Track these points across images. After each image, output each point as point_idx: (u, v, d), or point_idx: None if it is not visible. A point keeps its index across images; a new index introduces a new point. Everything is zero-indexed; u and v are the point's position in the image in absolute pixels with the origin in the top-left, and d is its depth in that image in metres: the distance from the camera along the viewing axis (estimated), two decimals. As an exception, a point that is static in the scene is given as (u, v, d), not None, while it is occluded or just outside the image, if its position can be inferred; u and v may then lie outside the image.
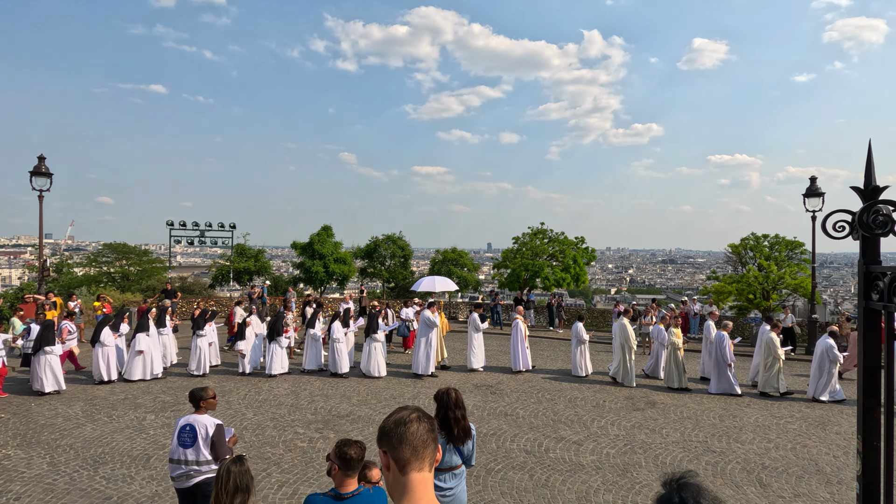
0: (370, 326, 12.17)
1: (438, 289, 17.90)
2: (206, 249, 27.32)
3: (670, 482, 1.80)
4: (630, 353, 11.74)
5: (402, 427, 1.56)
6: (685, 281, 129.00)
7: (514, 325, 12.94)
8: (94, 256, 30.48)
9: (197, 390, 4.65)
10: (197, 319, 12.41)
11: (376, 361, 12.03)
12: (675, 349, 11.37)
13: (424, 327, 12.26)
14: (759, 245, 23.45)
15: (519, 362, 12.78)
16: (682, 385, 11.27)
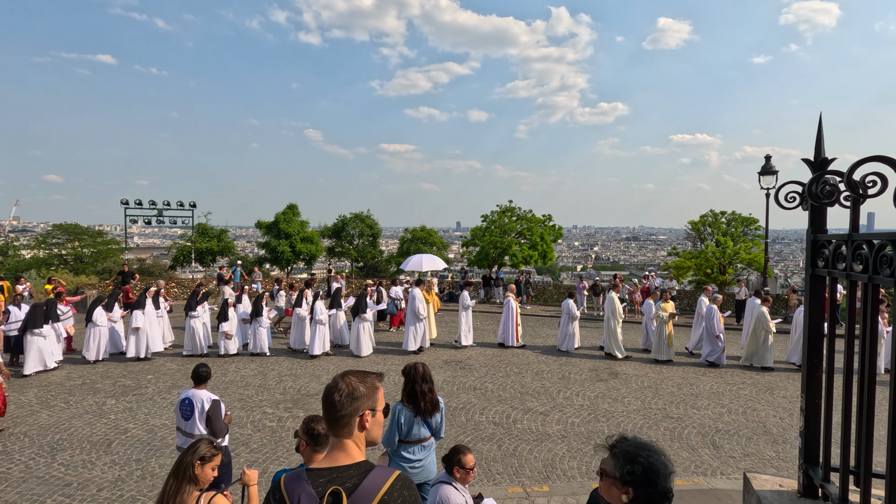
0: (358, 306, 12.16)
1: (426, 267, 17.90)
2: (164, 230, 26.30)
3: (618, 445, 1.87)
4: (617, 325, 12.12)
5: (327, 395, 1.83)
6: (647, 257, 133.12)
7: (506, 303, 13.18)
8: (42, 238, 28.88)
9: (199, 371, 4.86)
10: (190, 300, 12.14)
11: (363, 340, 12.07)
12: (663, 323, 11.70)
13: (414, 303, 12.35)
14: (716, 222, 24.39)
15: (510, 338, 13.04)
16: (669, 357, 11.65)
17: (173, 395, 9.09)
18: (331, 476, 1.67)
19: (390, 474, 1.70)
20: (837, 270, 2.37)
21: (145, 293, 12.03)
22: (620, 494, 1.79)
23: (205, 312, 12.40)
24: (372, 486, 1.65)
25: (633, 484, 1.76)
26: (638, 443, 1.83)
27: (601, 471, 1.87)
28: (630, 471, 1.76)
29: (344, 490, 1.62)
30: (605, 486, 1.85)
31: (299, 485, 1.66)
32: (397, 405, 4.12)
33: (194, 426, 4.67)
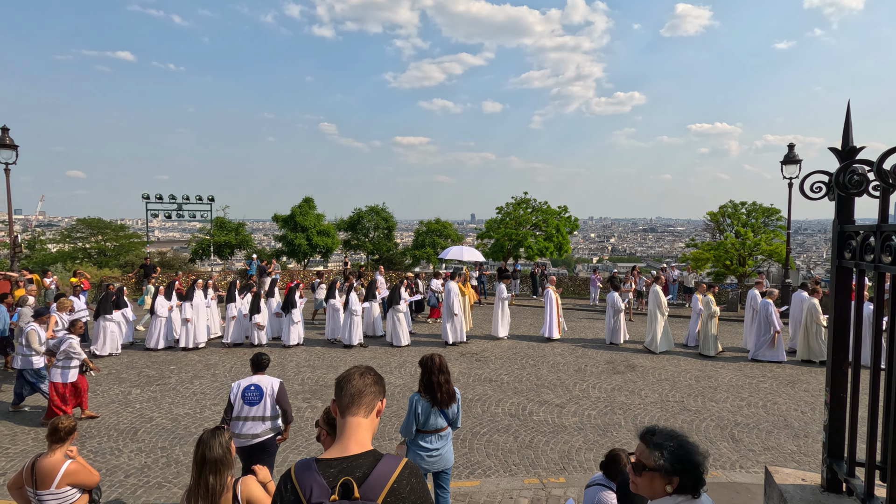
0: (393, 297, 12.32)
1: (466, 257, 17.94)
2: (184, 224, 26.80)
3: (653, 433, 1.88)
4: (661, 319, 11.78)
5: (345, 380, 1.88)
6: (665, 249, 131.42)
7: (547, 295, 13.14)
8: (67, 232, 29.62)
9: (259, 359, 5.14)
10: (230, 292, 12.46)
11: (398, 331, 12.24)
12: (711, 317, 11.39)
13: (447, 297, 12.42)
14: (736, 213, 23.93)
15: (553, 330, 12.96)
16: (717, 352, 11.32)
17: (195, 385, 9.31)
18: (341, 466, 1.69)
19: (398, 462, 1.74)
20: (865, 262, 2.32)
21: (194, 285, 12.50)
22: (664, 485, 1.79)
23: (244, 304, 12.73)
24: (381, 476, 1.68)
25: (680, 473, 1.77)
26: (671, 432, 1.84)
27: (638, 465, 1.85)
28: (678, 460, 1.78)
29: (354, 480, 1.65)
30: (646, 480, 1.82)
31: (310, 475, 1.68)
32: (414, 395, 4.19)
33: (264, 410, 4.89)
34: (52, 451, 3.52)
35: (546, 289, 13.39)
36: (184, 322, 11.90)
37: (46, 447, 3.58)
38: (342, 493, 1.63)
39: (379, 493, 1.65)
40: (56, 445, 3.53)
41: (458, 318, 12.52)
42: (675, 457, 1.78)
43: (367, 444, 1.79)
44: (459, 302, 12.60)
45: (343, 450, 1.76)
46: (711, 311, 11.41)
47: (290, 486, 1.69)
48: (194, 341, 11.97)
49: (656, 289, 12.06)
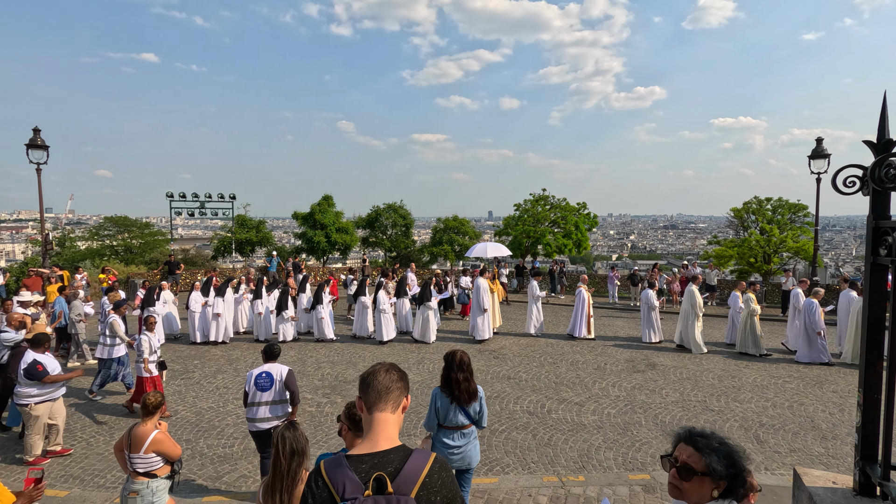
0: (423, 295, 12.42)
1: (490, 254, 17.97)
2: (206, 221, 27.33)
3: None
4: (696, 319, 11.51)
5: (371, 376, 1.89)
6: (686, 246, 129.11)
7: (578, 294, 12.96)
8: (95, 230, 30.49)
9: (270, 349, 5.45)
10: (258, 289, 12.75)
11: (427, 328, 12.32)
12: (753, 316, 11.13)
13: (477, 294, 12.42)
14: (761, 209, 23.34)
15: (582, 329, 12.80)
16: (758, 352, 11.03)
17: (218, 379, 9.50)
18: (372, 462, 1.70)
19: (428, 457, 1.75)
20: (902, 259, 2.23)
21: (227, 282, 12.80)
22: (712, 490, 1.75)
23: (271, 300, 12.98)
24: (413, 470, 1.70)
25: (729, 476, 1.74)
26: (716, 434, 1.81)
27: (686, 469, 1.77)
28: (731, 465, 1.75)
29: (387, 475, 1.66)
30: (695, 485, 1.76)
31: (342, 471, 1.68)
32: (436, 390, 4.21)
33: (275, 395, 5.21)
34: (144, 421, 4.02)
35: (578, 287, 13.18)
36: (214, 317, 12.16)
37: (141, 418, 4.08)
38: (376, 489, 1.64)
39: (412, 488, 1.67)
40: (147, 417, 4.03)
41: (487, 315, 12.48)
42: (729, 460, 1.74)
43: (395, 440, 1.81)
44: (489, 299, 12.57)
45: (373, 445, 1.77)
46: (752, 309, 11.11)
47: (321, 482, 1.70)
48: (224, 336, 12.25)
49: (692, 288, 11.69)
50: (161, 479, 3.91)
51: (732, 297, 12.19)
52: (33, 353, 6.24)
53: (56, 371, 6.32)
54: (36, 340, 6.37)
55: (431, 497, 1.68)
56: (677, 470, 1.78)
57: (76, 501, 5.42)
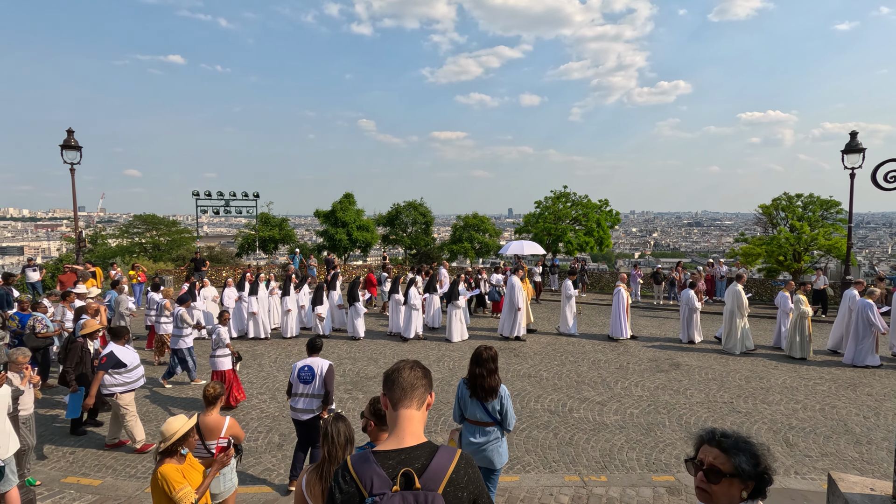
0: (452, 292, 12.44)
1: (526, 251, 17.92)
2: (230, 219, 27.88)
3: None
4: (741, 319, 11.16)
5: (396, 373, 1.91)
6: (711, 244, 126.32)
7: (617, 293, 12.60)
8: (125, 228, 31.42)
9: (314, 343, 5.74)
10: (286, 286, 12.97)
11: (455, 326, 12.32)
12: (803, 318, 10.66)
13: (511, 292, 12.35)
14: (791, 205, 22.66)
15: (621, 330, 12.41)
16: (806, 355, 10.57)
17: (242, 374, 9.68)
18: (399, 458, 1.72)
19: (455, 453, 1.77)
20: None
21: (257, 279, 13.08)
22: (741, 491, 1.73)
23: (304, 297, 13.15)
24: (440, 467, 1.71)
25: (757, 476, 1.72)
26: (740, 435, 1.78)
27: (713, 471, 1.74)
28: (756, 463, 1.74)
29: (414, 471, 1.67)
30: (724, 488, 1.73)
31: (369, 467, 1.70)
32: (462, 381, 4.29)
33: (315, 388, 5.49)
34: (208, 411, 4.34)
35: (617, 286, 12.79)
36: (250, 315, 12.39)
37: (203, 409, 4.40)
38: (404, 484, 1.66)
39: (439, 484, 1.68)
40: (210, 407, 4.35)
41: (520, 314, 12.40)
42: (755, 459, 1.73)
43: (421, 437, 1.82)
44: (523, 297, 12.49)
45: (399, 442, 1.79)
46: (802, 310, 10.61)
47: (348, 477, 1.71)
48: (265, 332, 12.46)
49: (738, 287, 11.28)
50: (233, 458, 4.27)
51: (781, 297, 11.65)
52: (113, 344, 6.53)
53: (133, 363, 6.60)
54: (116, 332, 6.68)
55: (458, 493, 1.70)
56: (704, 473, 1.74)
57: (109, 490, 5.62)
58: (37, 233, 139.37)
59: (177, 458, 3.45)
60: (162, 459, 3.42)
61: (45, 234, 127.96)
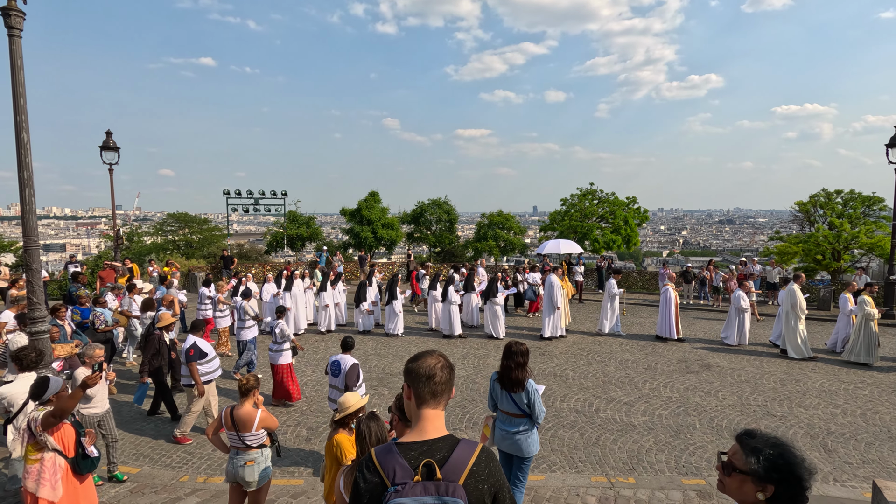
0: (490, 290, 12.45)
1: (563, 251, 17.83)
2: (259, 217, 28.43)
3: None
4: (799, 321, 10.59)
5: (427, 375, 1.90)
6: (744, 242, 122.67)
7: (665, 293, 12.26)
8: (159, 226, 32.44)
9: (348, 341, 6.32)
10: (323, 283, 13.24)
11: (494, 323, 12.36)
12: (869, 320, 10.13)
13: (550, 290, 12.27)
14: (830, 202, 21.76)
15: (669, 330, 12.02)
16: (871, 360, 10.02)
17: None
18: (421, 449, 1.76)
19: (475, 447, 1.80)
20: None
21: (292, 276, 13.37)
22: (756, 492, 1.71)
23: (339, 294, 13.31)
24: (461, 459, 1.75)
25: (777, 482, 1.68)
26: (774, 439, 1.73)
27: (728, 465, 1.78)
28: (773, 467, 1.68)
29: (435, 462, 1.72)
30: (735, 482, 1.76)
31: (392, 457, 1.74)
32: (494, 374, 4.54)
33: (340, 381, 6.05)
34: (242, 403, 4.42)
35: (664, 286, 12.44)
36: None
37: (238, 400, 4.50)
38: (425, 475, 1.71)
39: (460, 475, 1.72)
40: (244, 398, 4.44)
41: (559, 313, 12.28)
42: (771, 464, 1.68)
43: (443, 430, 1.86)
44: (562, 296, 12.39)
45: (421, 434, 1.83)
46: (867, 312, 10.05)
47: (372, 467, 1.76)
48: (296, 327, 12.68)
49: (794, 287, 10.74)
50: (267, 447, 4.46)
51: (842, 299, 11.15)
52: (192, 336, 6.83)
53: (212, 354, 6.91)
54: (196, 325, 6.99)
55: (479, 485, 1.73)
56: (722, 465, 1.80)
57: (146, 478, 5.83)
58: (78, 230, 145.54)
59: (348, 429, 3.67)
60: (336, 428, 3.74)
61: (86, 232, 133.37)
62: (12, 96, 5.10)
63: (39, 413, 3.92)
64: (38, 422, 3.86)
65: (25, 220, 5.37)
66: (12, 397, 4.63)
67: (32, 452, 3.89)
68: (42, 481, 3.82)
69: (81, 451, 4.02)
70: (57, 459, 3.89)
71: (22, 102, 5.16)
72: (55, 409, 3.88)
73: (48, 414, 3.86)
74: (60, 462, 3.91)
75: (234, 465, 4.32)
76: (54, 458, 3.88)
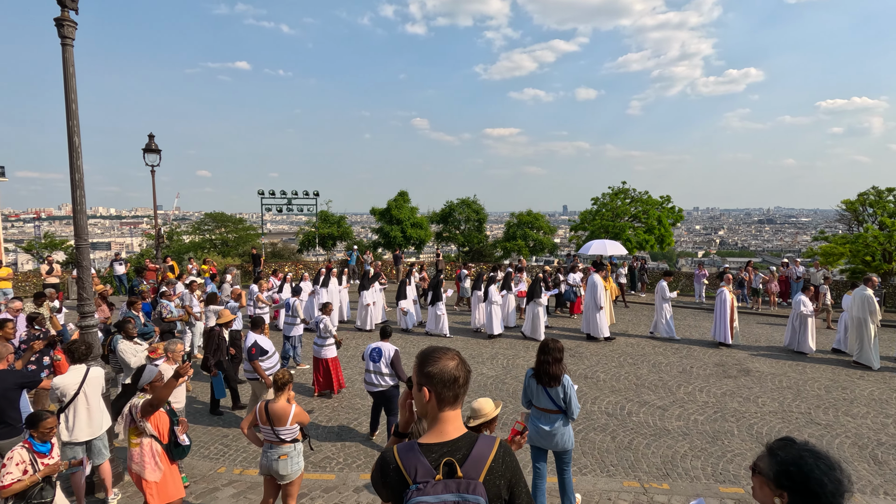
0: (533, 291, 12.35)
1: (609, 252, 17.68)
2: (291, 217, 29.04)
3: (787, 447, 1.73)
4: (871, 328, 9.96)
5: (452, 379, 1.88)
6: (785, 242, 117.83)
7: (720, 295, 11.67)
8: (197, 225, 33.64)
9: (386, 328, 6.97)
10: (362, 280, 13.47)
11: (536, 324, 12.26)
12: None
13: (593, 291, 12.07)
14: (881, 200, 20.65)
15: (726, 335, 11.50)
16: None
17: (306, 366, 10.11)
18: (441, 450, 1.80)
19: (493, 442, 1.84)
20: None
21: (329, 272, 13.50)
22: (773, 497, 1.70)
23: (377, 292, 13.49)
24: (480, 455, 1.79)
25: (788, 489, 1.65)
26: (806, 448, 1.67)
27: (754, 466, 1.79)
28: (784, 473, 1.66)
29: (456, 461, 1.76)
30: (758, 484, 1.78)
31: (414, 457, 1.78)
32: (529, 370, 4.66)
33: (381, 367, 6.50)
34: (277, 397, 4.53)
35: (720, 287, 11.91)
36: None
37: (273, 395, 4.63)
38: (446, 473, 1.75)
39: (480, 472, 1.76)
40: (279, 393, 4.55)
41: (603, 314, 12.07)
42: (783, 471, 1.65)
43: (462, 428, 1.89)
44: (605, 296, 12.17)
45: (441, 435, 1.85)
46: None
47: (394, 466, 1.80)
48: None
49: (867, 292, 10.09)
50: (300, 442, 4.58)
51: None
52: (253, 334, 7.13)
53: (272, 350, 7.17)
54: (256, 322, 7.28)
55: (496, 481, 1.77)
56: (752, 465, 1.82)
57: (185, 469, 6.05)
58: (122, 230, 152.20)
59: None
60: None
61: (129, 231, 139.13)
62: (65, 102, 5.37)
63: (140, 400, 4.29)
64: (137, 408, 4.24)
65: (77, 220, 5.64)
66: (65, 388, 4.89)
67: (133, 437, 4.28)
68: (144, 464, 4.21)
69: (174, 438, 4.36)
70: (154, 445, 4.27)
71: (74, 108, 5.43)
72: (153, 397, 4.24)
73: (147, 402, 4.23)
74: (157, 447, 4.28)
75: (268, 458, 4.43)
76: (151, 443, 4.26)
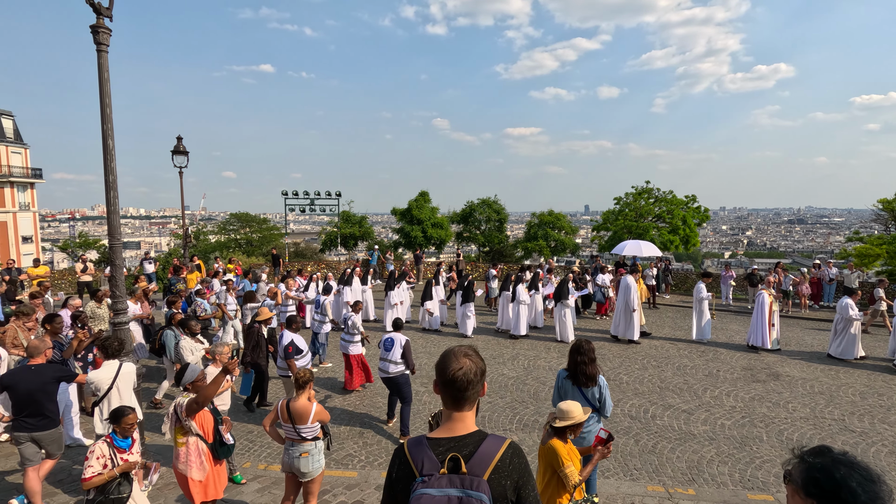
0: (560, 292, 12.32)
1: (645, 253, 17.55)
2: (314, 217, 29.46)
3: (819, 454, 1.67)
4: None
5: (464, 381, 1.89)
6: (817, 243, 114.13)
7: (759, 298, 11.39)
8: (223, 225, 34.41)
9: (399, 321, 7.42)
10: (389, 280, 13.61)
11: (564, 325, 12.19)
12: None
13: (626, 292, 11.91)
14: (920, 199, 19.83)
15: (762, 338, 11.18)
16: None
17: (328, 364, 10.23)
18: (449, 445, 1.83)
19: (503, 442, 1.85)
20: None
21: (353, 272, 13.64)
22: None
23: (403, 292, 13.61)
24: (487, 454, 1.81)
25: (817, 497, 1.59)
26: (842, 457, 1.61)
27: (786, 473, 1.74)
28: (813, 481, 1.59)
29: (461, 456, 1.78)
30: (790, 492, 1.73)
31: (421, 450, 1.84)
32: (561, 372, 4.65)
33: (393, 355, 6.92)
34: (298, 395, 4.57)
35: (759, 290, 11.64)
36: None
37: (294, 393, 4.69)
38: (451, 468, 1.78)
39: (485, 470, 1.78)
40: (300, 391, 4.59)
41: (636, 316, 11.87)
42: (811, 479, 1.59)
43: (473, 426, 1.92)
44: (638, 298, 12.04)
45: (450, 431, 1.90)
46: None
47: (403, 458, 1.87)
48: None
49: None
50: (321, 440, 4.64)
51: None
52: (289, 333, 7.32)
53: (306, 348, 7.36)
54: (290, 321, 7.47)
55: (502, 481, 1.78)
56: (786, 472, 1.77)
57: (213, 463, 6.19)
58: (151, 229, 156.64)
59: (563, 437, 3.58)
60: (553, 434, 3.53)
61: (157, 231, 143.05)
62: (100, 106, 5.57)
63: (184, 399, 4.34)
64: (182, 407, 4.29)
65: (110, 220, 5.83)
66: (99, 382, 5.06)
67: (179, 436, 4.34)
68: (189, 463, 4.28)
69: (219, 437, 4.43)
70: (199, 444, 4.33)
71: (108, 112, 5.62)
72: (199, 396, 4.28)
73: (192, 400, 4.27)
74: (202, 446, 4.34)
75: (290, 455, 4.50)
76: (197, 442, 4.33)
